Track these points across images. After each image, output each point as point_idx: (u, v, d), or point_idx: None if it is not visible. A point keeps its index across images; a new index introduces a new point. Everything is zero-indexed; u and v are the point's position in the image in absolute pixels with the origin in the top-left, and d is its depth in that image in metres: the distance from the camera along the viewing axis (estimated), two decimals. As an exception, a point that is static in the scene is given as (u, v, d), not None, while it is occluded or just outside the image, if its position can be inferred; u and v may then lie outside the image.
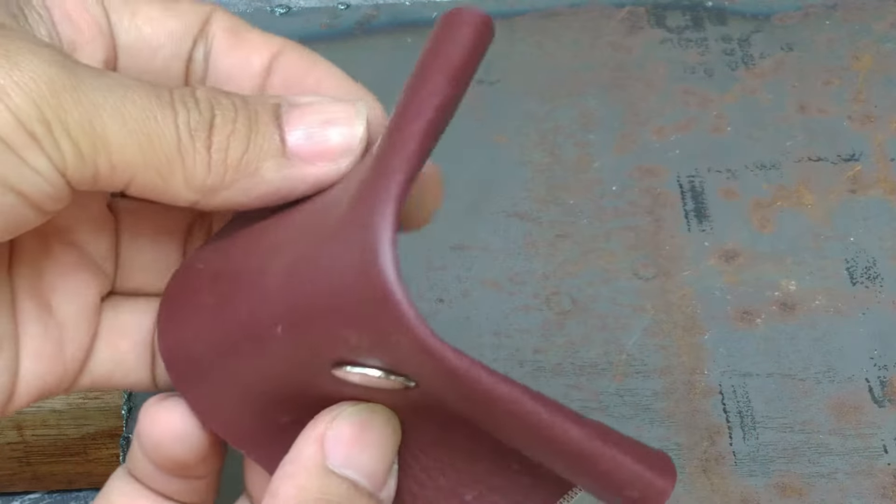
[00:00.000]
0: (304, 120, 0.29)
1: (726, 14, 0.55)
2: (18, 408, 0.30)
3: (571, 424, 0.25)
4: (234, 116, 0.28)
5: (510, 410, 0.25)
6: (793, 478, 0.43)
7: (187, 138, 0.27)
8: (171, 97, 0.27)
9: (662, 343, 0.46)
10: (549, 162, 0.50)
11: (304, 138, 0.28)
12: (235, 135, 0.28)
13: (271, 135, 0.28)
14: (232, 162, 0.28)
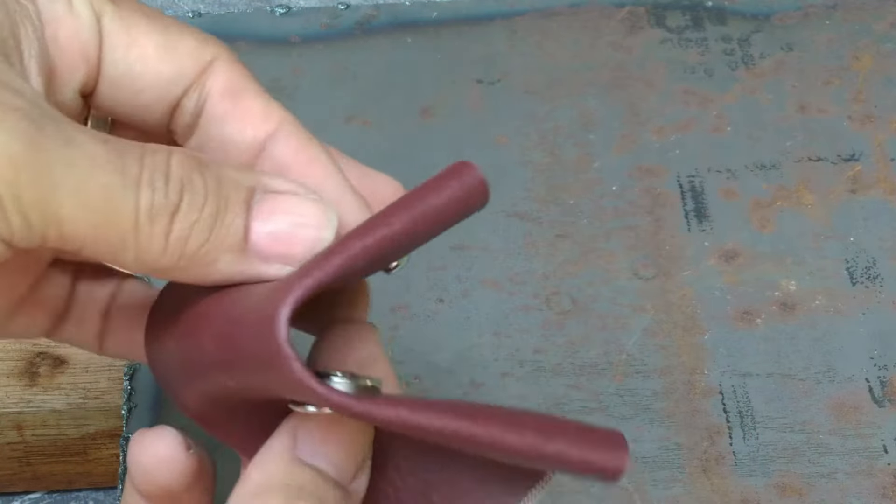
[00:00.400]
0: (274, 217, 0.28)
1: (726, 14, 0.55)
2: None
3: (507, 433, 0.26)
4: (203, 204, 0.27)
5: (437, 434, 0.26)
6: (793, 478, 0.43)
7: (146, 222, 0.26)
8: (139, 173, 0.26)
9: (662, 343, 0.46)
10: (549, 162, 0.50)
11: (267, 237, 0.28)
12: (199, 224, 0.27)
13: (236, 229, 0.27)
14: (188, 251, 0.27)
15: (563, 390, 0.45)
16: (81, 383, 0.45)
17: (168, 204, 0.26)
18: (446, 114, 0.52)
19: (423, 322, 0.46)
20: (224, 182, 0.27)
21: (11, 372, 0.45)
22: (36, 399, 0.45)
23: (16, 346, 0.45)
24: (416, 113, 0.52)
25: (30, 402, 0.45)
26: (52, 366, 0.45)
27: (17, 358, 0.45)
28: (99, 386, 0.45)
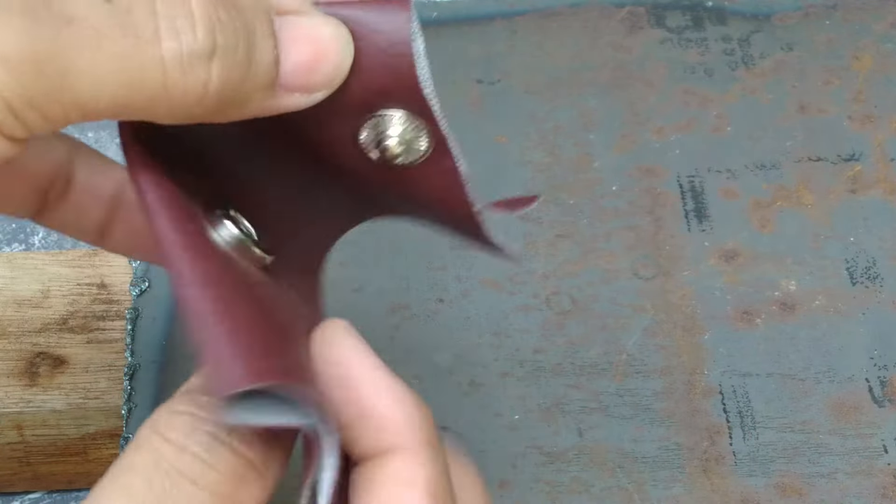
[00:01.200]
0: (297, 47, 0.26)
1: (726, 14, 0.55)
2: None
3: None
4: (237, 41, 0.25)
5: None
6: (793, 478, 0.43)
7: (178, 75, 0.24)
8: (155, 27, 0.24)
9: (662, 343, 0.46)
10: (549, 162, 0.50)
11: (293, 69, 0.26)
12: (237, 65, 0.25)
13: (268, 64, 0.26)
14: (226, 96, 0.25)
15: (563, 390, 0.45)
16: (81, 383, 0.45)
17: (203, 49, 0.24)
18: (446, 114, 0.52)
19: (423, 322, 0.46)
20: (247, 11, 0.25)
21: (11, 372, 0.45)
22: (36, 399, 0.45)
23: (16, 347, 0.45)
24: (416, 113, 0.52)
25: (30, 402, 0.45)
26: (52, 366, 0.45)
27: (17, 358, 0.45)
28: (99, 386, 0.45)
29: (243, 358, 0.24)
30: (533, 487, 0.43)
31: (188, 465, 0.25)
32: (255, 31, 0.25)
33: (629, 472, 0.43)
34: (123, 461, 0.25)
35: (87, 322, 0.46)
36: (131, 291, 0.47)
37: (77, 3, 0.23)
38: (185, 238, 0.26)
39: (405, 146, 0.28)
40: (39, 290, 0.47)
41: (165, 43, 0.24)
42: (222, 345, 0.24)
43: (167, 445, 0.25)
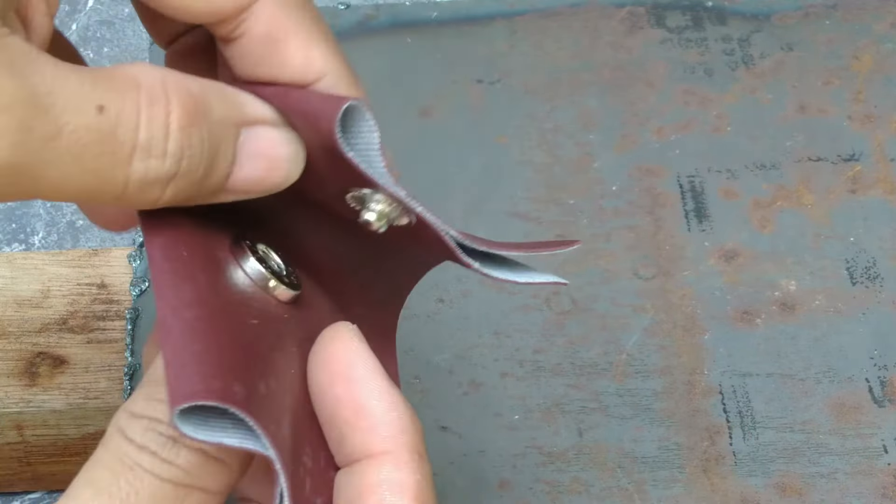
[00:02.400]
0: (252, 162, 0.28)
1: (726, 14, 0.55)
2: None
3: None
4: (198, 165, 0.26)
5: None
6: (793, 478, 0.43)
7: (136, 192, 0.26)
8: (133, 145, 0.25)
9: (662, 343, 0.46)
10: (549, 162, 0.50)
11: (242, 181, 0.28)
12: (190, 186, 0.27)
13: (220, 179, 0.27)
14: (174, 202, 0.27)
15: (563, 390, 0.45)
16: (81, 383, 0.45)
17: (166, 174, 0.26)
18: (446, 114, 0.52)
19: (423, 322, 0.46)
20: (217, 131, 0.27)
21: (11, 372, 0.45)
22: (36, 399, 0.45)
23: (16, 347, 0.45)
24: (416, 113, 0.52)
25: (30, 402, 0.45)
26: (52, 366, 0.45)
27: (17, 358, 0.45)
28: (99, 386, 0.45)
29: (203, 376, 0.25)
30: (533, 487, 0.43)
31: (148, 462, 0.27)
32: (218, 151, 0.27)
33: (629, 472, 0.43)
34: (93, 457, 0.28)
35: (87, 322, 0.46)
36: (131, 291, 0.47)
37: (71, 112, 0.24)
38: (171, 264, 0.27)
39: (385, 220, 0.29)
40: (39, 290, 0.47)
41: (135, 164, 0.25)
42: (186, 361, 0.25)
43: (128, 444, 0.27)
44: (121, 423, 0.27)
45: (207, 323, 0.26)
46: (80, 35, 0.59)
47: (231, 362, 0.26)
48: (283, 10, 0.28)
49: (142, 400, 0.28)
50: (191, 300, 0.26)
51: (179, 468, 0.27)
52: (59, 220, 0.55)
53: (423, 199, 0.49)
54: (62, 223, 0.55)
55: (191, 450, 0.27)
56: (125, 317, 0.46)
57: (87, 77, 0.25)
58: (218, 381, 0.26)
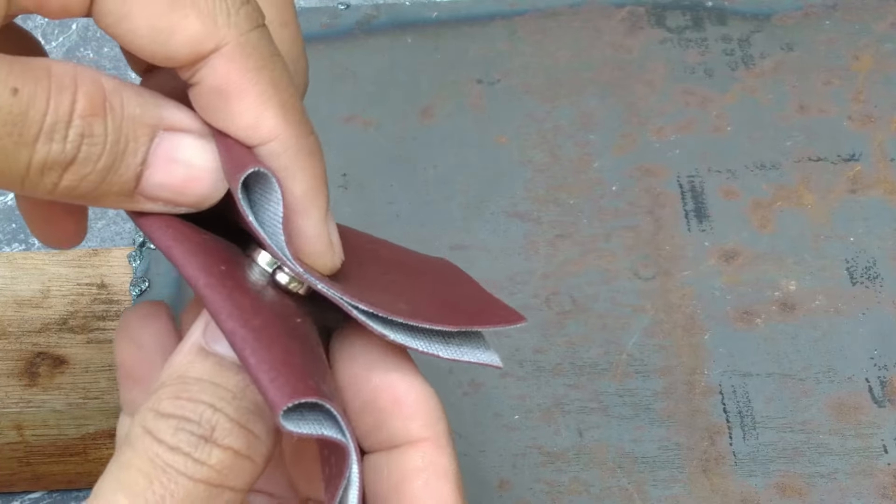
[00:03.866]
0: (168, 167, 0.28)
1: (726, 14, 0.55)
2: None
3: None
4: (99, 156, 0.27)
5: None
6: (793, 478, 0.43)
7: (36, 174, 0.26)
8: (38, 128, 0.26)
9: (662, 343, 0.46)
10: (549, 162, 0.50)
11: (158, 188, 0.28)
12: (90, 176, 0.27)
13: (128, 179, 0.27)
14: (75, 195, 0.27)
15: (563, 390, 0.45)
16: (81, 383, 0.45)
17: (63, 159, 0.26)
18: (446, 114, 0.52)
19: (423, 322, 0.46)
20: (125, 127, 0.27)
21: (11, 372, 0.45)
22: (36, 399, 0.45)
23: (16, 347, 0.45)
24: (416, 113, 0.52)
25: (30, 402, 0.45)
26: (52, 366, 0.45)
27: (16, 358, 0.45)
28: (99, 386, 0.45)
29: (297, 377, 0.26)
30: (533, 487, 0.43)
31: (182, 463, 0.27)
32: (125, 147, 0.27)
33: (629, 472, 0.43)
34: (121, 459, 0.27)
35: (87, 322, 0.46)
36: (131, 291, 0.47)
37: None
38: (216, 279, 0.27)
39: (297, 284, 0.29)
40: (39, 290, 0.47)
41: (39, 147, 0.26)
42: (276, 364, 0.26)
43: (159, 445, 0.27)
44: (148, 424, 0.27)
45: (273, 328, 0.27)
46: (80, 35, 0.59)
47: (306, 361, 0.27)
48: (240, 66, 0.27)
49: (168, 399, 0.27)
50: (250, 308, 0.27)
51: (212, 468, 0.27)
52: (59, 220, 0.55)
53: (423, 199, 0.49)
54: (62, 223, 0.55)
55: (222, 449, 0.27)
56: (125, 317, 0.46)
57: (5, 63, 0.26)
58: (309, 379, 0.26)
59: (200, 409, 0.27)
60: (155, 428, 0.27)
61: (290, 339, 0.27)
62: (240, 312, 0.27)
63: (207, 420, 0.27)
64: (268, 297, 0.29)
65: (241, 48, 0.27)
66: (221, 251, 0.29)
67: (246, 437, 0.27)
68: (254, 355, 0.26)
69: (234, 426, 0.27)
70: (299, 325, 0.28)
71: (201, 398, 0.27)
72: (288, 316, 0.28)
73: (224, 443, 0.27)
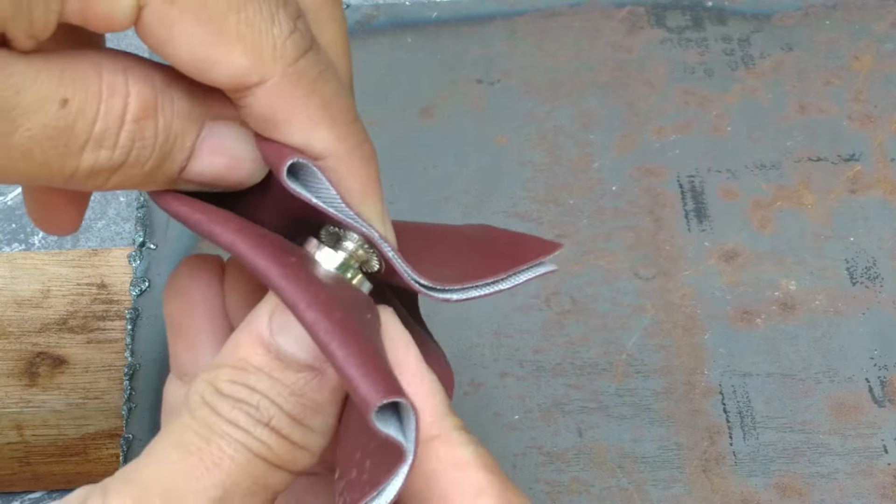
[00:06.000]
0: (212, 159, 0.28)
1: (726, 14, 0.55)
2: None
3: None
4: (147, 159, 0.27)
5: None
6: (793, 478, 0.43)
7: (83, 178, 0.26)
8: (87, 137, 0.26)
9: (662, 343, 0.46)
10: (549, 162, 0.50)
11: (199, 174, 0.28)
12: (137, 175, 0.27)
13: (171, 174, 0.27)
14: (121, 188, 0.27)
15: (563, 390, 0.45)
16: (81, 383, 0.45)
17: (111, 165, 0.26)
18: (446, 114, 0.52)
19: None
20: (175, 125, 0.27)
21: (11, 372, 0.45)
22: (36, 399, 0.45)
23: (16, 347, 0.45)
24: (416, 113, 0.52)
25: (30, 402, 0.45)
26: (52, 366, 0.45)
27: (16, 358, 0.45)
28: (99, 386, 0.45)
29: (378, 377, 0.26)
30: (533, 487, 0.43)
31: (242, 436, 0.27)
32: (174, 144, 0.27)
33: (629, 472, 0.43)
34: (178, 422, 0.27)
35: (87, 322, 0.46)
36: (131, 291, 0.47)
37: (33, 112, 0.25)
38: (290, 270, 0.27)
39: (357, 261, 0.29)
40: (39, 290, 0.47)
41: (86, 154, 0.26)
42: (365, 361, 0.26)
43: (217, 417, 0.27)
44: (207, 398, 0.27)
45: (352, 322, 0.27)
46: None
47: (383, 358, 0.27)
48: (287, 96, 0.27)
49: (227, 382, 0.28)
50: (328, 301, 0.27)
51: (271, 448, 0.27)
52: (59, 220, 0.55)
53: (423, 199, 0.49)
54: (62, 223, 0.55)
55: (279, 436, 0.27)
56: (125, 317, 0.46)
57: (56, 71, 0.25)
58: (392, 378, 0.26)
59: (257, 398, 0.27)
60: (213, 402, 0.27)
61: (367, 335, 0.27)
62: (319, 304, 0.26)
63: (266, 409, 0.27)
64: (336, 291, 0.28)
65: (287, 79, 0.27)
66: (284, 245, 0.28)
67: (302, 431, 0.28)
68: (342, 348, 0.26)
69: (291, 421, 0.28)
70: (369, 322, 0.28)
71: (259, 388, 0.27)
72: (359, 310, 0.28)
73: (283, 432, 0.27)
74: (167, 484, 0.26)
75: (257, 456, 0.27)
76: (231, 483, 0.27)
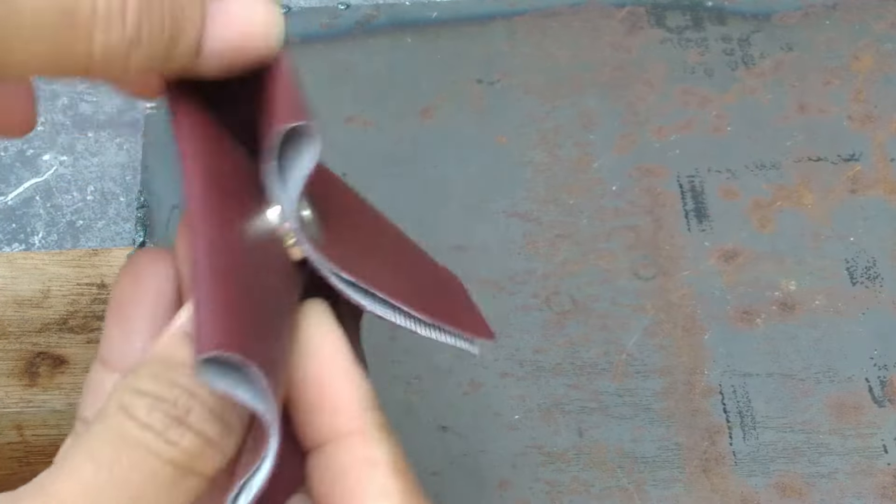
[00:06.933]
0: (226, 30, 0.28)
1: (726, 14, 0.55)
2: None
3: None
4: (161, 31, 0.27)
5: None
6: (793, 478, 0.43)
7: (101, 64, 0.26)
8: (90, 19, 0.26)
9: (662, 343, 0.46)
10: (549, 162, 0.50)
11: (216, 51, 0.28)
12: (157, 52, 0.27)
13: (190, 47, 0.27)
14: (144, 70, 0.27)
15: (563, 390, 0.45)
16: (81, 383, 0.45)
17: (126, 43, 0.26)
18: (446, 114, 0.52)
19: (423, 322, 0.46)
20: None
21: (11, 372, 0.45)
22: (36, 399, 0.45)
23: (16, 347, 0.45)
24: (416, 113, 0.52)
25: (30, 402, 0.45)
26: (52, 366, 0.45)
27: (16, 358, 0.45)
28: (99, 386, 0.45)
29: (229, 330, 0.25)
30: (533, 487, 0.43)
31: (151, 442, 0.27)
32: (182, 15, 0.27)
33: (629, 472, 0.43)
34: (92, 430, 0.27)
35: (87, 322, 0.46)
36: (131, 291, 0.46)
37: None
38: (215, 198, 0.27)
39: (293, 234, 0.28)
40: (39, 290, 0.47)
41: (97, 35, 0.26)
42: (216, 310, 0.25)
43: (131, 422, 0.27)
44: (124, 400, 0.27)
45: (238, 273, 0.26)
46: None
47: (254, 319, 0.26)
48: None
49: (148, 378, 0.27)
50: (224, 247, 0.26)
51: (182, 450, 0.27)
52: (59, 220, 0.55)
53: (423, 199, 0.49)
54: (62, 223, 0.55)
55: (194, 433, 0.27)
56: (125, 317, 0.46)
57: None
58: (241, 337, 0.25)
59: (177, 392, 0.27)
60: (130, 404, 0.27)
61: (250, 292, 0.26)
62: (211, 246, 0.26)
63: (183, 403, 0.27)
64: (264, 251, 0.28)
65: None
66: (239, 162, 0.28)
67: (219, 426, 0.27)
68: (201, 293, 0.25)
69: (209, 413, 0.27)
70: (282, 293, 0.27)
71: (180, 381, 0.27)
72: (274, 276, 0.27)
73: (197, 427, 0.27)
74: (83, 502, 0.27)
75: (168, 462, 0.27)
76: (138, 496, 0.26)
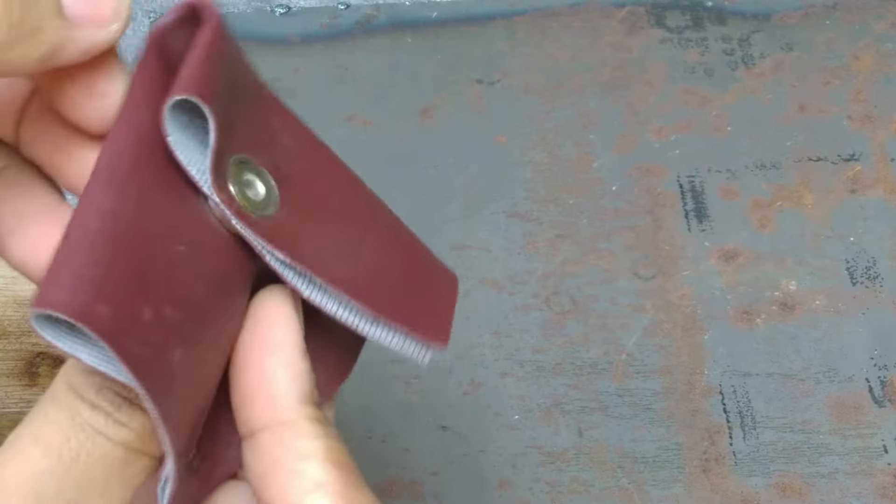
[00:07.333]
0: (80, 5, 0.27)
1: (726, 14, 0.55)
2: None
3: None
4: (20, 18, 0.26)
5: None
6: (793, 478, 0.43)
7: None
8: None
9: (662, 343, 0.46)
10: (549, 162, 0.50)
11: (78, 2, 0.27)
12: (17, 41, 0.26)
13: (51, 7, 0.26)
14: (14, 21, 0.26)
15: (563, 390, 0.45)
16: (81, 383, 0.45)
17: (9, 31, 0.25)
18: (446, 114, 0.52)
19: (423, 322, 0.46)
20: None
21: (11, 372, 0.45)
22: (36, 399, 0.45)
23: (16, 347, 0.45)
24: (416, 113, 0.52)
25: (30, 402, 0.45)
26: (52, 366, 0.45)
27: (16, 358, 0.45)
28: (99, 386, 0.45)
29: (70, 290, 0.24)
30: (533, 487, 0.43)
31: (101, 423, 0.26)
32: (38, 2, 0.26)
33: (629, 472, 0.43)
34: (41, 411, 0.27)
35: (87, 322, 0.46)
36: (131, 291, 0.46)
37: None
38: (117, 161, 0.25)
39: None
40: (39, 290, 0.47)
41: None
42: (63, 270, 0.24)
43: (81, 403, 0.27)
44: (73, 380, 0.27)
45: (109, 238, 0.25)
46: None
47: (112, 282, 0.25)
48: None
49: None
50: (105, 211, 0.25)
51: (132, 431, 0.26)
52: (59, 220, 0.55)
53: (423, 199, 0.49)
54: (62, 223, 0.55)
55: (144, 413, 0.26)
56: (125, 317, 0.46)
57: None
58: (83, 296, 0.24)
59: None
60: (79, 384, 0.27)
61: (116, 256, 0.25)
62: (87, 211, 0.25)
63: None
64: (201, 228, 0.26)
65: None
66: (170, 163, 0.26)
67: None
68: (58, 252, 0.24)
69: None
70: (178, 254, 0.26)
71: None
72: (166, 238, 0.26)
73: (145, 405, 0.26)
74: (28, 487, 0.26)
75: (118, 444, 0.26)
76: (87, 479, 0.26)
